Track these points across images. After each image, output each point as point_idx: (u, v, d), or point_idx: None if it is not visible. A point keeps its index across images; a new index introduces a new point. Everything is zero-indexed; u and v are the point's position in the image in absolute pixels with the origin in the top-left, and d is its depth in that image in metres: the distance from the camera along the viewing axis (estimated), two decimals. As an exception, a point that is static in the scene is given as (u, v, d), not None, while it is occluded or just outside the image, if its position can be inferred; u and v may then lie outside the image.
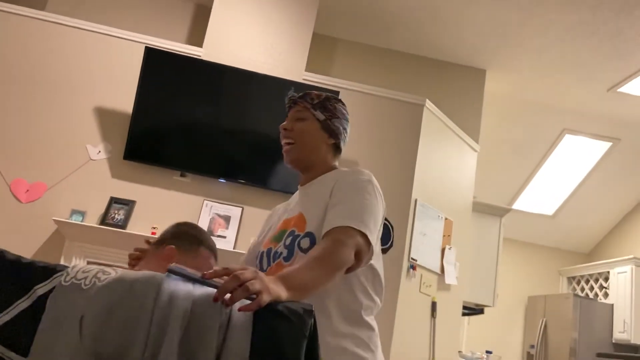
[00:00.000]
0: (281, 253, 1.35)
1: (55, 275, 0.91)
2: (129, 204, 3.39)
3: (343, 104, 1.51)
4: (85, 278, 0.90)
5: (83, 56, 3.61)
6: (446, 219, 4.03)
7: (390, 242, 2.73)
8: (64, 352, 0.84)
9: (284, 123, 1.47)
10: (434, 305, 3.82)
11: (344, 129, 1.49)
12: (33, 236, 3.29)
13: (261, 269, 1.40)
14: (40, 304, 0.90)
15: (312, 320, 0.95)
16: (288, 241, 1.35)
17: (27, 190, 3.37)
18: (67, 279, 0.90)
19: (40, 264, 0.93)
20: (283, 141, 1.45)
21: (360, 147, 3.76)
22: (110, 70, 3.61)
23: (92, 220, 3.35)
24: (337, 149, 1.50)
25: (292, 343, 0.92)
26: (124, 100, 3.53)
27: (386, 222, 2.76)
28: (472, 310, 4.69)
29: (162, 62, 3.52)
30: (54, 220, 3.20)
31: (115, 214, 3.34)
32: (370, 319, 1.34)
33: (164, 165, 3.50)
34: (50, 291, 0.90)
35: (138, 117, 3.43)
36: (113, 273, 0.91)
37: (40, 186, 3.38)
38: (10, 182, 3.36)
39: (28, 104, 3.49)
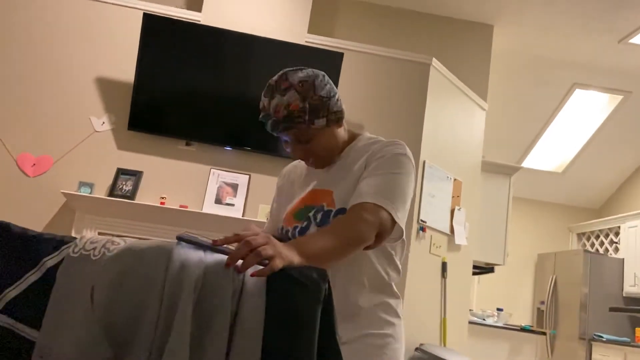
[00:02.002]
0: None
1: (63, 247, 0.90)
2: (136, 175, 3.37)
3: (315, 74, 1.28)
4: (94, 249, 0.88)
5: (81, 26, 3.53)
6: (455, 179, 3.99)
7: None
8: (76, 323, 0.83)
9: (292, 152, 1.31)
10: (444, 265, 3.83)
11: (334, 96, 1.30)
12: (43, 210, 3.30)
13: None
14: (50, 277, 0.88)
15: (327, 285, 0.93)
16: (319, 217, 1.29)
17: (34, 165, 3.36)
18: (75, 250, 0.88)
19: (48, 236, 0.92)
20: (305, 162, 1.36)
21: (366, 109, 3.70)
22: (109, 39, 3.54)
23: (100, 192, 3.35)
24: (343, 119, 1.39)
25: (307, 308, 0.90)
26: (125, 69, 3.47)
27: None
28: (482, 269, 4.71)
29: (161, 28, 3.44)
30: (62, 193, 3.20)
31: (123, 185, 3.33)
32: (396, 288, 1.38)
33: (169, 135, 3.46)
34: (60, 263, 0.89)
35: (140, 87, 3.37)
36: (122, 243, 0.89)
37: (47, 160, 3.37)
38: (17, 156, 3.35)
39: (29, 77, 3.44)
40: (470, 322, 4.15)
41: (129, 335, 0.82)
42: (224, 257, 0.91)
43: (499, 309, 4.71)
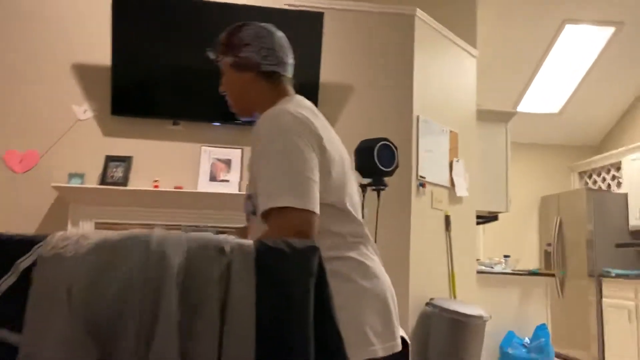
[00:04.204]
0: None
1: (35, 247, 0.84)
2: (125, 161, 3.31)
3: (251, 26, 1.37)
4: (66, 246, 0.83)
5: (51, 13, 3.40)
6: (451, 131, 3.92)
7: (395, 164, 2.65)
8: (57, 325, 0.78)
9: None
10: (447, 219, 3.80)
11: (262, 49, 1.35)
12: (36, 205, 3.25)
13: None
14: (26, 278, 0.84)
15: (318, 257, 0.88)
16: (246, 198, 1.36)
17: (21, 160, 3.29)
18: (48, 249, 0.83)
19: (18, 237, 0.86)
20: None
21: (353, 69, 3.60)
22: (81, 23, 3.41)
23: (91, 182, 3.29)
24: (269, 76, 1.37)
25: (299, 283, 0.86)
26: (101, 52, 3.36)
27: (389, 143, 2.67)
28: (485, 218, 4.69)
29: (133, 4, 3.31)
30: (53, 186, 3.14)
31: (114, 172, 3.27)
32: (346, 252, 1.25)
33: (155, 116, 3.38)
34: (34, 264, 0.84)
35: (118, 69, 3.27)
36: (95, 237, 0.84)
37: (33, 154, 3.30)
38: (3, 154, 3.28)
39: (4, 72, 3.34)
40: (478, 272, 4.16)
41: (114, 331, 0.78)
42: (207, 239, 0.86)
43: (505, 256, 4.72)
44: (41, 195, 3.24)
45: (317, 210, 1.15)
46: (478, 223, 4.46)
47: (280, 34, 1.41)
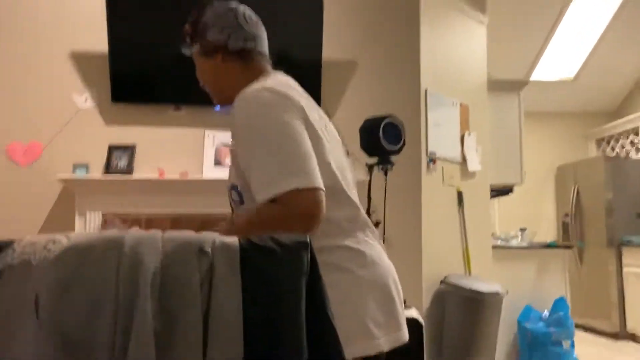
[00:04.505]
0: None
1: (1, 255, 0.78)
2: (129, 149, 3.25)
3: (211, 7, 1.31)
4: (34, 252, 0.76)
5: (46, 2, 3.32)
6: (461, 104, 3.80)
7: (402, 142, 2.55)
8: (26, 338, 0.72)
9: None
10: (460, 195, 3.70)
11: (226, 28, 1.28)
12: (42, 198, 3.22)
13: None
14: (-7, 289, 0.78)
15: (309, 254, 0.81)
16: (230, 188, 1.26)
17: (25, 153, 3.25)
18: (14, 257, 0.77)
19: (-16, 245, 0.80)
20: None
21: (356, 43, 3.48)
22: (76, 9, 3.33)
23: (96, 172, 3.25)
24: (240, 54, 1.29)
25: (289, 282, 0.79)
26: (98, 38, 3.27)
27: (395, 121, 2.57)
28: (500, 191, 4.58)
29: (127, -11, 3.21)
30: (59, 178, 3.11)
31: (118, 161, 3.22)
32: (341, 240, 1.16)
33: (156, 102, 3.31)
34: (1, 272, 0.78)
35: (116, 55, 3.19)
36: (65, 241, 0.77)
37: (36, 146, 3.26)
38: (6, 147, 3.24)
39: (3, 64, 3.28)
40: (494, 247, 4.06)
41: (86, 345, 0.72)
42: (186, 239, 0.79)
43: (522, 229, 4.61)
44: (47, 187, 3.21)
45: (322, 184, 1.07)
46: (492, 196, 4.35)
47: (244, 8, 1.32)
